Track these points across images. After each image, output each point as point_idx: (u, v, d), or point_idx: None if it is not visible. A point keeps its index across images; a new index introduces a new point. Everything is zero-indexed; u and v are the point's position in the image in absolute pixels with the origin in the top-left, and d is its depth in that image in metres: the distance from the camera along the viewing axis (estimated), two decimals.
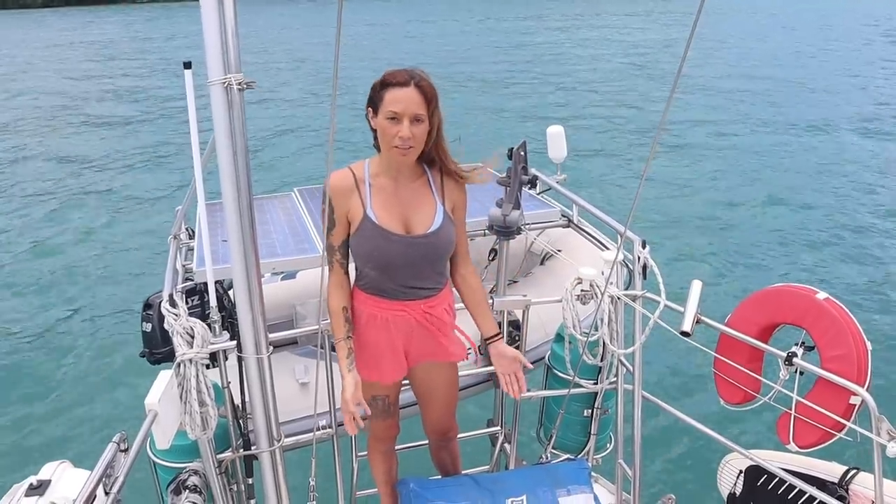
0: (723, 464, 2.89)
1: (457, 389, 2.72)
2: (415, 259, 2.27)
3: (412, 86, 2.08)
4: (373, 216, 2.22)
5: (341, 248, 2.31)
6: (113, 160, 13.56)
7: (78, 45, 33.70)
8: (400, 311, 2.36)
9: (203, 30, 1.95)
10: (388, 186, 2.26)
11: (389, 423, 2.70)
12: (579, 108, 17.14)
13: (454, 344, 2.52)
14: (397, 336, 2.40)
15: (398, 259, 2.25)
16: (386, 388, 2.56)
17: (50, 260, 9.01)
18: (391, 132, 2.10)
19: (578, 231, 4.00)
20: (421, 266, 2.30)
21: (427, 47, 30.27)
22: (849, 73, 21.66)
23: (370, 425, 2.69)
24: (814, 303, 2.48)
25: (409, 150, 2.13)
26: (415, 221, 2.26)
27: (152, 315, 2.93)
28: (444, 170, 2.30)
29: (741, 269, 8.45)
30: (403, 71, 2.11)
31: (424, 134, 2.14)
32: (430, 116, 2.13)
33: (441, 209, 2.28)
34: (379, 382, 2.50)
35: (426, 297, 2.37)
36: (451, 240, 2.32)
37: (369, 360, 2.44)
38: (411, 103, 2.07)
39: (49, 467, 2.20)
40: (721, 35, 30.86)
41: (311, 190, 4.44)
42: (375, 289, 2.34)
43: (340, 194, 2.24)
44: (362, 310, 2.38)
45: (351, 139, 12.01)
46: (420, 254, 2.27)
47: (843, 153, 13.13)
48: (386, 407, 2.62)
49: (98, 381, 6.37)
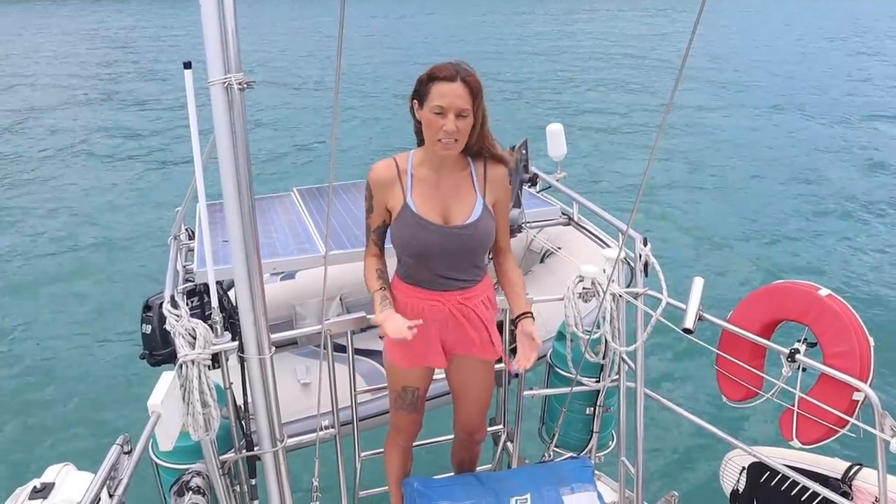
0: (725, 460, 2.89)
1: (489, 390, 2.70)
2: (451, 249, 2.30)
3: (458, 80, 2.10)
4: (412, 205, 2.27)
5: (377, 231, 2.42)
6: (112, 159, 13.55)
7: (75, 38, 33.61)
8: (436, 302, 2.39)
9: (203, 29, 1.95)
10: (429, 177, 2.30)
11: (415, 418, 2.70)
12: (579, 105, 17.15)
13: (485, 341, 2.49)
14: (433, 326, 2.42)
15: (435, 248, 2.29)
16: (417, 380, 2.57)
17: (46, 261, 8.99)
18: (436, 126, 2.14)
19: (578, 229, 4.00)
20: (457, 257, 2.32)
21: (424, 42, 30.24)
22: (855, 67, 21.69)
23: (392, 417, 2.72)
24: (816, 299, 2.48)
25: (454, 143, 2.17)
26: (454, 213, 2.29)
27: (152, 317, 2.92)
28: (489, 162, 2.31)
29: (743, 265, 8.45)
30: (450, 65, 2.13)
31: (469, 128, 2.18)
32: (475, 111, 2.16)
33: (481, 202, 2.29)
34: (412, 371, 2.53)
35: (462, 288, 2.38)
36: (490, 233, 2.33)
37: (404, 346, 2.43)
38: (457, 98, 2.10)
39: (52, 470, 2.19)
40: (725, 31, 30.86)
41: (310, 190, 4.43)
42: (413, 278, 2.39)
43: (382, 184, 2.31)
44: (400, 298, 2.42)
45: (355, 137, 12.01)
46: (457, 245, 2.29)
47: (849, 149, 13.13)
48: (414, 400, 2.62)
49: (100, 383, 6.35)
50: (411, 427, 2.74)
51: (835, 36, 31.04)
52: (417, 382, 2.58)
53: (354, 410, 2.95)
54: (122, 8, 46.16)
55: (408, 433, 2.77)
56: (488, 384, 2.68)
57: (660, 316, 2.62)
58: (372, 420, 3.53)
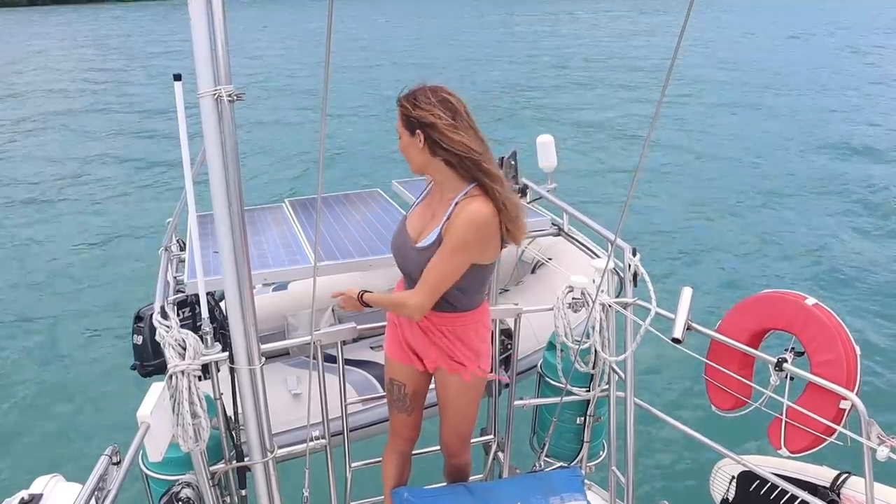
0: (715, 470, 2.90)
1: (464, 417, 2.63)
2: (406, 260, 2.40)
3: (398, 103, 2.24)
4: (406, 214, 2.48)
5: None
6: (102, 171, 13.51)
7: (63, 45, 33.48)
8: None
9: (192, 42, 1.96)
10: (429, 196, 2.44)
11: (407, 421, 2.70)
12: (568, 115, 17.23)
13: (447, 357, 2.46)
14: (399, 323, 2.54)
15: (395, 250, 2.46)
16: (403, 376, 2.60)
17: (37, 272, 8.96)
18: None
19: (569, 239, 4.02)
20: (411, 270, 2.38)
21: (410, 50, 30.31)
22: (844, 67, 21.84)
23: (390, 419, 2.76)
24: (802, 308, 2.51)
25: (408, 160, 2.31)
26: (422, 234, 2.36)
27: (143, 327, 2.92)
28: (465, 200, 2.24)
29: (731, 275, 8.49)
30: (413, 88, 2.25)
31: (404, 148, 2.29)
32: (411, 133, 2.22)
33: (437, 233, 2.29)
34: (398, 364, 2.59)
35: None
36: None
37: (390, 336, 2.62)
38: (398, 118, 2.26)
39: (41, 481, 2.18)
40: (713, 38, 31.07)
41: (302, 201, 4.44)
42: None
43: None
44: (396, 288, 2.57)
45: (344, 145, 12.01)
46: (410, 258, 2.37)
47: (836, 160, 13.22)
48: (401, 397, 2.63)
49: (89, 393, 6.33)
50: (405, 431, 2.74)
51: (819, 32, 31.18)
52: (404, 378, 2.60)
53: (345, 421, 2.94)
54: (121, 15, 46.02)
55: (403, 437, 2.76)
56: (464, 412, 2.61)
57: (649, 326, 2.64)
58: (363, 431, 3.53)
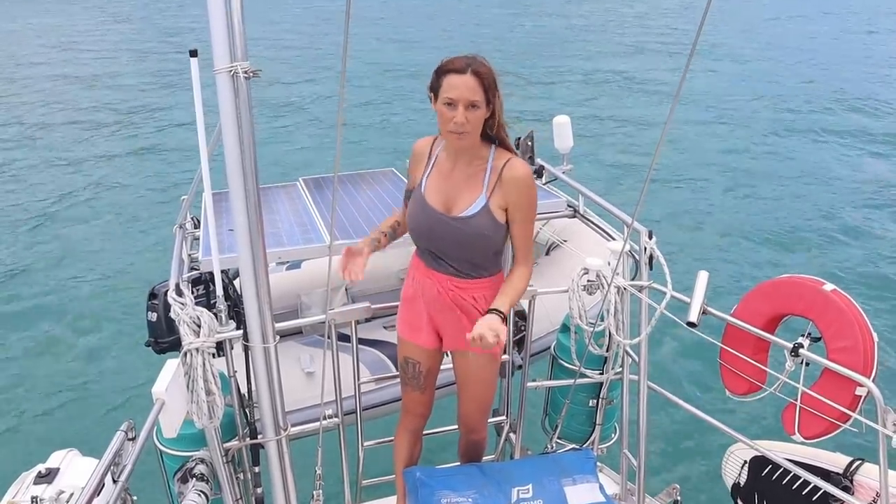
0: (728, 454, 2.90)
1: (486, 388, 2.68)
2: (442, 234, 2.36)
3: (469, 73, 2.15)
4: (423, 186, 2.41)
5: (407, 194, 2.55)
6: (117, 148, 13.57)
7: (74, 22, 33.50)
8: (428, 279, 2.47)
9: (208, 17, 1.94)
10: (445, 164, 2.38)
11: (420, 399, 2.72)
12: (585, 97, 17.07)
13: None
14: (422, 301, 2.51)
15: (426, 231, 2.40)
16: (418, 354, 2.61)
17: (53, 249, 9.03)
18: (447, 117, 2.20)
19: (584, 221, 3.99)
20: (446, 244, 2.37)
21: (427, 30, 30.08)
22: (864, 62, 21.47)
23: (402, 396, 2.77)
24: (820, 294, 2.48)
25: (463, 134, 2.21)
26: (457, 203, 2.34)
27: (158, 304, 2.93)
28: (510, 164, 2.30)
29: (748, 259, 8.42)
30: (462, 58, 2.20)
31: (480, 120, 2.23)
32: (488, 103, 2.20)
33: (483, 199, 2.30)
34: (412, 344, 2.59)
35: (454, 275, 2.41)
36: (484, 232, 2.32)
37: (404, 316, 2.60)
38: (466, 90, 2.15)
39: (57, 455, 2.21)
40: (735, 25, 30.61)
41: (316, 179, 4.43)
42: (418, 251, 2.52)
43: (416, 156, 2.49)
44: (411, 267, 2.56)
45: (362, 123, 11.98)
46: (447, 232, 2.35)
47: (856, 145, 13.03)
48: (416, 375, 2.65)
49: (105, 369, 6.40)
50: (417, 408, 2.75)
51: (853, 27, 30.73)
52: (418, 357, 2.61)
53: (358, 400, 2.96)
54: None
55: (414, 415, 2.78)
56: (487, 383, 2.67)
57: (664, 309, 2.62)
58: (375, 410, 3.55)
